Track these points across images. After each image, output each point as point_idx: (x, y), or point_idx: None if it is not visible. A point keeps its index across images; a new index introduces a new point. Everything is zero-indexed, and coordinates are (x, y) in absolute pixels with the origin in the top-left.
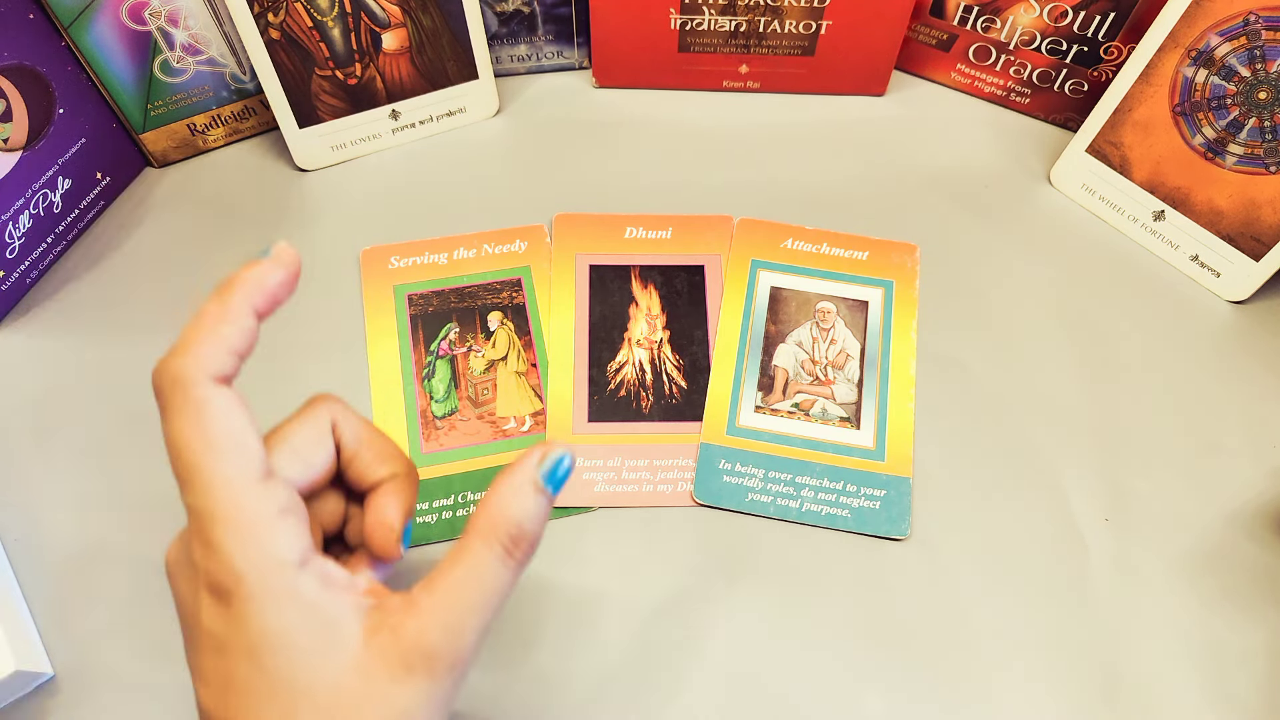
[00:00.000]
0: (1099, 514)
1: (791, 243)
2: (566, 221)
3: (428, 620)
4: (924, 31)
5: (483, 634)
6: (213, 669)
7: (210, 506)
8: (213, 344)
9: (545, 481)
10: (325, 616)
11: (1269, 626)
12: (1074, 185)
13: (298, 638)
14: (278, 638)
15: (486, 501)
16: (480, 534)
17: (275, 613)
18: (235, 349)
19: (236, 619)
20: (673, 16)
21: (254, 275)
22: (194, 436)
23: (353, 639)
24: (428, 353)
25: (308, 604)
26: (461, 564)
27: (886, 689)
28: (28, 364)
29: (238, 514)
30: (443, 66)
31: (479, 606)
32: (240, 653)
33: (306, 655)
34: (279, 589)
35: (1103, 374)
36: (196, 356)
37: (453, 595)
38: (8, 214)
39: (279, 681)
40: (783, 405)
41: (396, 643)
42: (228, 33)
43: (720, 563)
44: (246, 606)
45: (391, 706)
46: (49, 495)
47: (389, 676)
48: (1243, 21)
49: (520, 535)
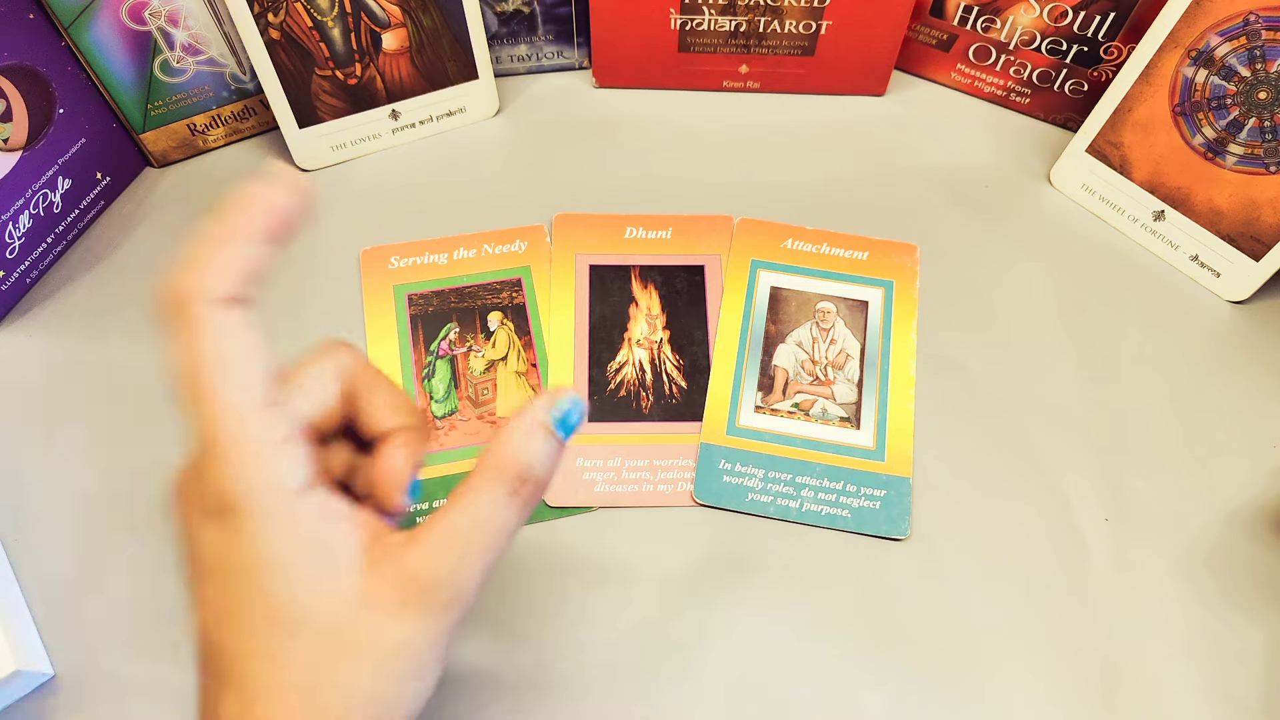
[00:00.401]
0: (1099, 514)
1: (791, 243)
2: (566, 221)
3: (429, 554)
4: (924, 31)
5: (485, 573)
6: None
7: (211, 428)
8: (218, 265)
9: (555, 426)
10: (324, 544)
11: (1269, 626)
12: (1074, 185)
13: (295, 563)
14: (275, 562)
15: (495, 442)
16: (487, 473)
17: (273, 536)
18: (241, 269)
19: (234, 541)
20: (673, 16)
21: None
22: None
23: (351, 568)
24: (428, 353)
25: (306, 530)
26: (466, 501)
27: (886, 689)
28: (28, 364)
29: (239, 436)
30: (443, 66)
31: (482, 544)
32: (238, 576)
33: (304, 581)
34: (277, 513)
35: (1103, 374)
36: (198, 275)
37: (456, 531)
38: (8, 214)
39: (275, 606)
40: (783, 405)
41: (396, 574)
42: (228, 33)
43: (720, 563)
44: (244, 529)
45: (388, 637)
46: (49, 495)
47: (387, 608)
48: (1243, 21)
49: (527, 476)
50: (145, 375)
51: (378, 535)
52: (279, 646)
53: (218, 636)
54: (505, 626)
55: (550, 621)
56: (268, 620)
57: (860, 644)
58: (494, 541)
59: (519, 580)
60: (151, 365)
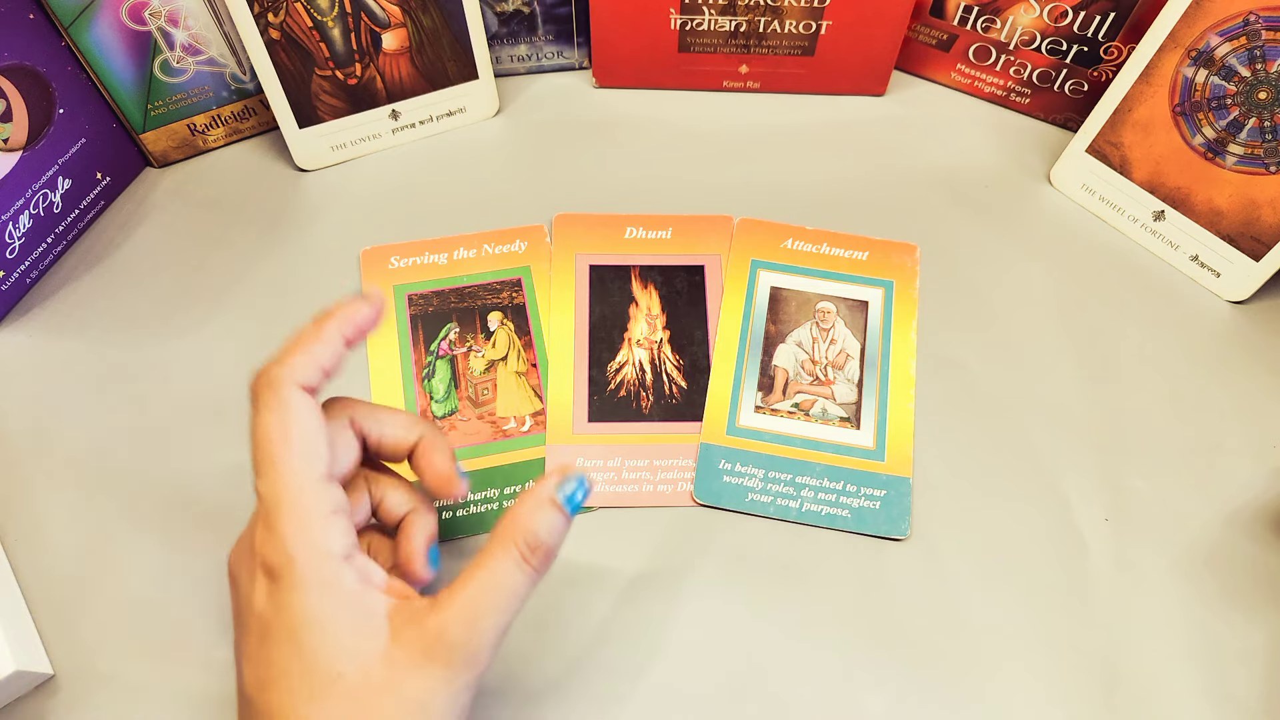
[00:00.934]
0: (1099, 514)
1: (791, 243)
2: (566, 221)
3: (450, 616)
4: (924, 31)
5: (500, 633)
6: (255, 649)
7: (278, 494)
8: (306, 358)
9: (564, 502)
10: (361, 607)
11: (1269, 626)
12: (1074, 185)
13: (335, 624)
14: (317, 621)
15: (510, 512)
16: (502, 541)
17: (318, 597)
18: (324, 366)
19: (283, 600)
20: (673, 16)
21: (349, 309)
22: (276, 431)
23: (382, 630)
24: (428, 353)
25: (347, 594)
26: (483, 568)
27: (886, 689)
28: (28, 364)
29: (300, 504)
30: (443, 66)
31: (497, 607)
32: (282, 633)
33: (341, 641)
34: (324, 576)
35: (1103, 374)
36: (291, 366)
37: (474, 595)
38: (8, 214)
39: (314, 663)
40: (783, 405)
41: (421, 635)
42: (228, 33)
43: (720, 563)
44: (294, 589)
45: (411, 693)
46: (49, 495)
47: (411, 665)
48: (1243, 21)
49: (537, 544)
50: (145, 375)
51: (406, 600)
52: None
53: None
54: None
55: (550, 621)
56: (306, 675)
57: (860, 644)
58: (507, 605)
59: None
60: (152, 365)
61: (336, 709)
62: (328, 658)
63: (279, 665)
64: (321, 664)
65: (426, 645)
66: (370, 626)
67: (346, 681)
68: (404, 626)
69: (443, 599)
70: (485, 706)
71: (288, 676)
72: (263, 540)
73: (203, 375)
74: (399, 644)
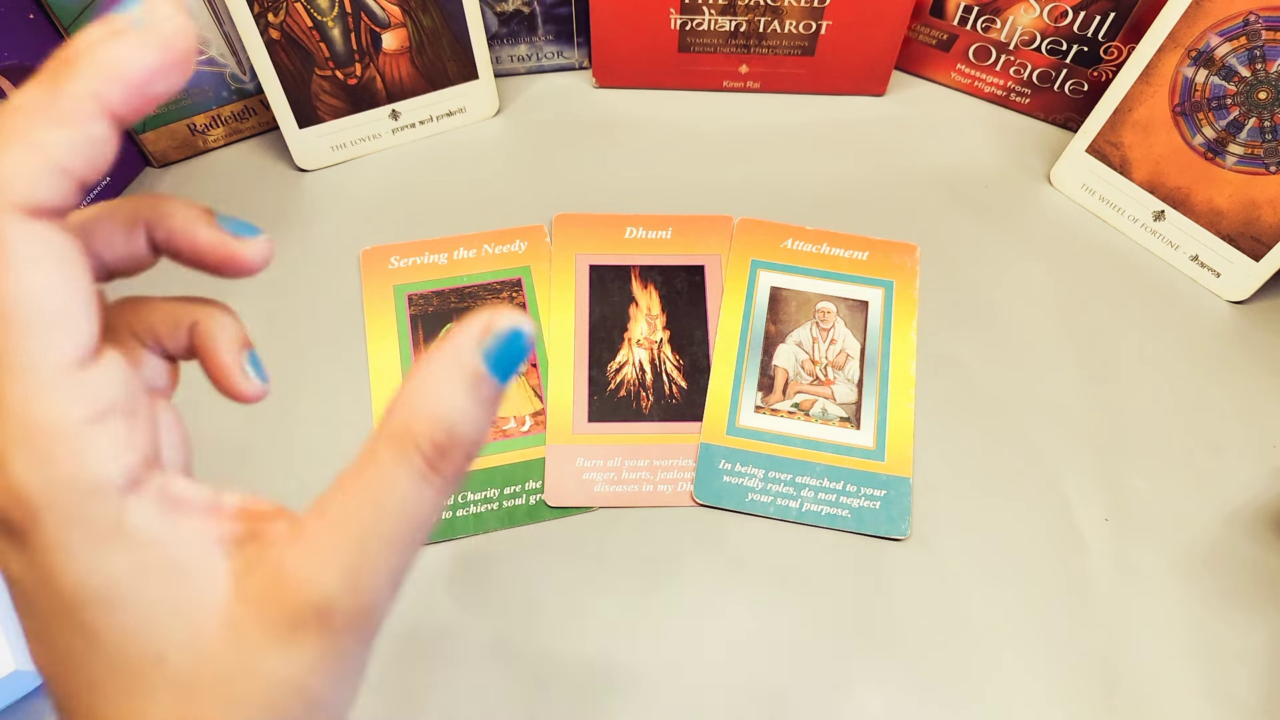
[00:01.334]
0: (1099, 514)
1: (791, 243)
2: (566, 221)
3: (320, 559)
4: (924, 31)
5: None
6: (37, 628)
7: (2, 409)
8: (27, 156)
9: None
10: (170, 557)
11: (1269, 626)
12: (1074, 185)
13: (130, 590)
14: (100, 591)
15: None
16: (391, 439)
17: (90, 557)
18: (65, 165)
19: (41, 568)
20: (673, 16)
21: (106, 53)
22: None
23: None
24: None
25: (140, 542)
26: (365, 481)
27: (887, 689)
28: None
29: (36, 416)
30: (443, 66)
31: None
32: (59, 614)
33: (147, 609)
34: (93, 523)
35: (1103, 374)
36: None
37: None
38: None
39: (115, 649)
40: (783, 405)
41: (279, 589)
42: (228, 33)
43: (720, 563)
44: (51, 551)
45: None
46: None
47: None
48: (1243, 21)
49: (448, 442)
50: None
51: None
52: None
53: (55, 682)
54: (504, 626)
55: (549, 621)
56: (108, 664)
57: (860, 643)
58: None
59: (518, 580)
60: None
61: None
62: (135, 639)
63: (65, 651)
64: (127, 649)
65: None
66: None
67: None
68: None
69: (310, 529)
70: (479, 702)
71: (84, 665)
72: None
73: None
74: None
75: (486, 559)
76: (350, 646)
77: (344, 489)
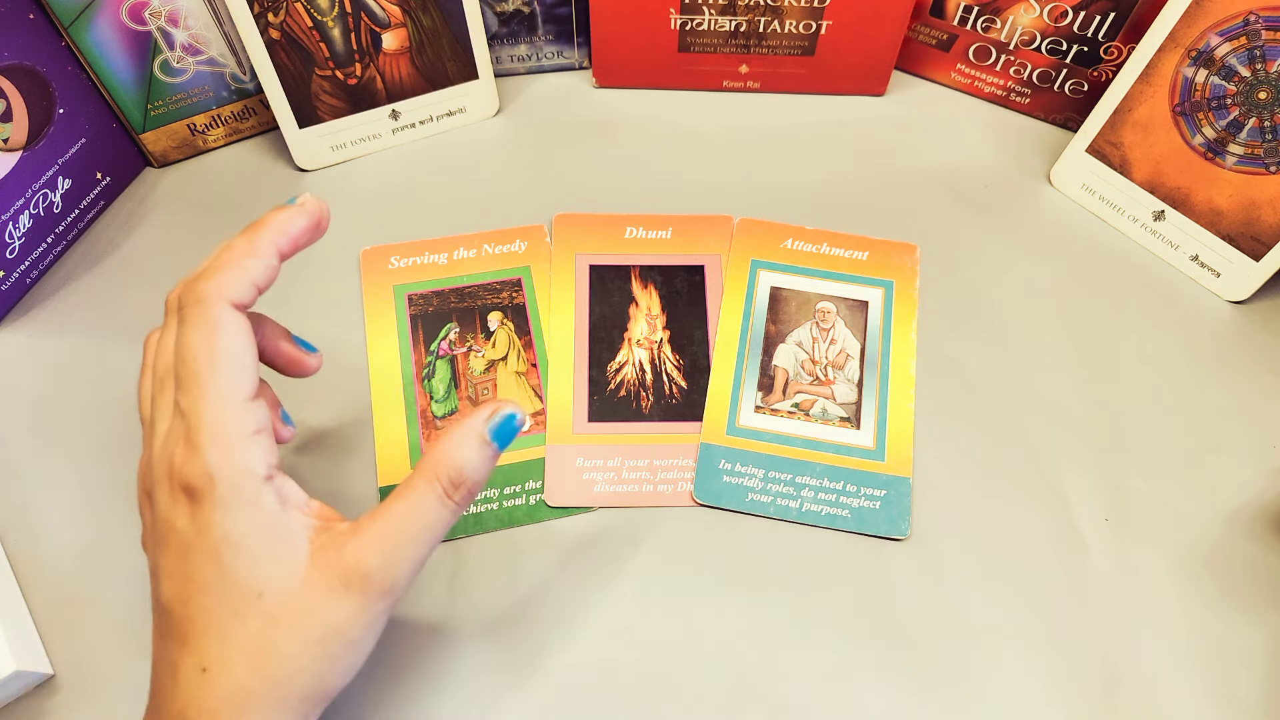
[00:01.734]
0: (1099, 514)
1: (791, 243)
2: (566, 221)
3: (368, 546)
4: (924, 31)
5: (416, 565)
6: (176, 565)
7: (202, 414)
8: (237, 273)
9: (492, 436)
10: (281, 528)
11: (1269, 626)
12: (1074, 185)
13: (256, 544)
14: (240, 541)
15: (435, 445)
16: (424, 474)
17: (240, 518)
18: (256, 282)
19: (205, 519)
20: (673, 16)
21: (280, 219)
22: (204, 350)
23: (301, 553)
24: (428, 353)
25: (268, 515)
26: (404, 499)
27: (886, 689)
28: (28, 364)
29: (225, 425)
30: (443, 66)
31: (415, 539)
32: (204, 552)
33: (261, 561)
34: (246, 497)
35: (1103, 374)
36: (220, 281)
37: (392, 526)
38: (8, 214)
39: (233, 581)
40: (783, 405)
41: (339, 561)
42: (228, 33)
43: (720, 563)
44: (216, 508)
45: (327, 617)
46: (49, 495)
47: (328, 590)
48: (1243, 21)
49: (460, 480)
50: None
51: (326, 524)
52: (234, 618)
53: (179, 605)
54: (504, 626)
55: (549, 621)
56: (224, 594)
57: (860, 644)
58: (426, 538)
59: (518, 580)
60: None
61: (255, 627)
62: (249, 577)
63: (199, 581)
64: (242, 583)
65: (344, 571)
66: (290, 549)
67: (266, 602)
68: (323, 550)
69: (363, 527)
70: (479, 702)
71: (209, 592)
72: (184, 459)
73: None
74: (317, 568)
75: (486, 559)
76: (377, 607)
77: (387, 504)
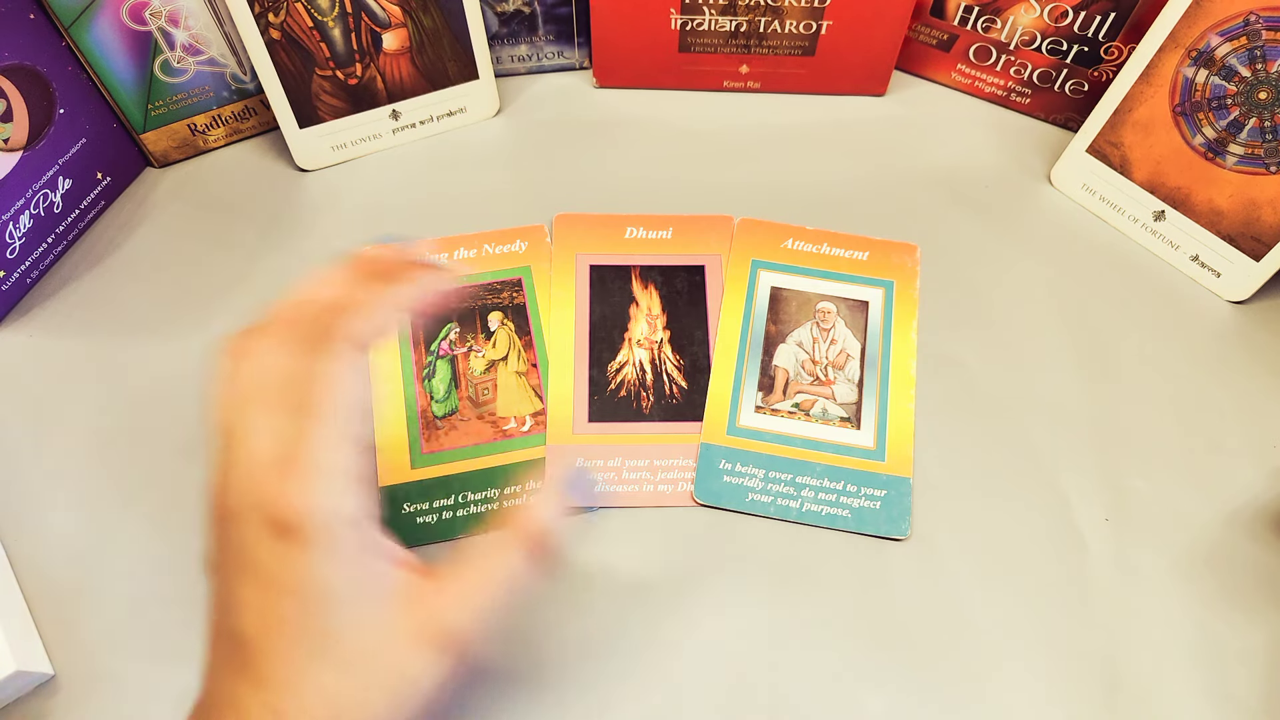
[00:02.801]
0: (1099, 514)
1: (792, 243)
2: (566, 221)
3: (452, 602)
4: (924, 31)
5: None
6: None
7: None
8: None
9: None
10: (369, 577)
11: (1269, 626)
12: (1074, 185)
13: (341, 589)
14: (325, 584)
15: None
16: (514, 535)
17: (328, 561)
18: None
19: (292, 557)
20: (673, 16)
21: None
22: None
23: (386, 602)
24: (428, 353)
25: (356, 561)
26: (491, 559)
27: (887, 689)
28: (28, 364)
29: (332, 465)
30: (443, 66)
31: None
32: (287, 588)
33: (344, 606)
34: (337, 541)
35: (1103, 374)
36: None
37: (478, 585)
38: (8, 214)
39: (317, 623)
40: (783, 405)
41: (422, 614)
42: (228, 33)
43: (720, 563)
44: (305, 548)
45: (404, 670)
46: (49, 495)
47: (408, 642)
48: (1243, 21)
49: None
50: (146, 375)
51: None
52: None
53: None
54: (503, 626)
55: (549, 621)
56: (308, 631)
57: (860, 644)
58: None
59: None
60: (152, 365)
61: (331, 670)
62: (331, 620)
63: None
64: (324, 624)
65: (426, 625)
66: (374, 597)
67: (345, 647)
68: (407, 603)
69: (447, 583)
70: (479, 701)
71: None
72: (278, 491)
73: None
74: (400, 621)
75: None
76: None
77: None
